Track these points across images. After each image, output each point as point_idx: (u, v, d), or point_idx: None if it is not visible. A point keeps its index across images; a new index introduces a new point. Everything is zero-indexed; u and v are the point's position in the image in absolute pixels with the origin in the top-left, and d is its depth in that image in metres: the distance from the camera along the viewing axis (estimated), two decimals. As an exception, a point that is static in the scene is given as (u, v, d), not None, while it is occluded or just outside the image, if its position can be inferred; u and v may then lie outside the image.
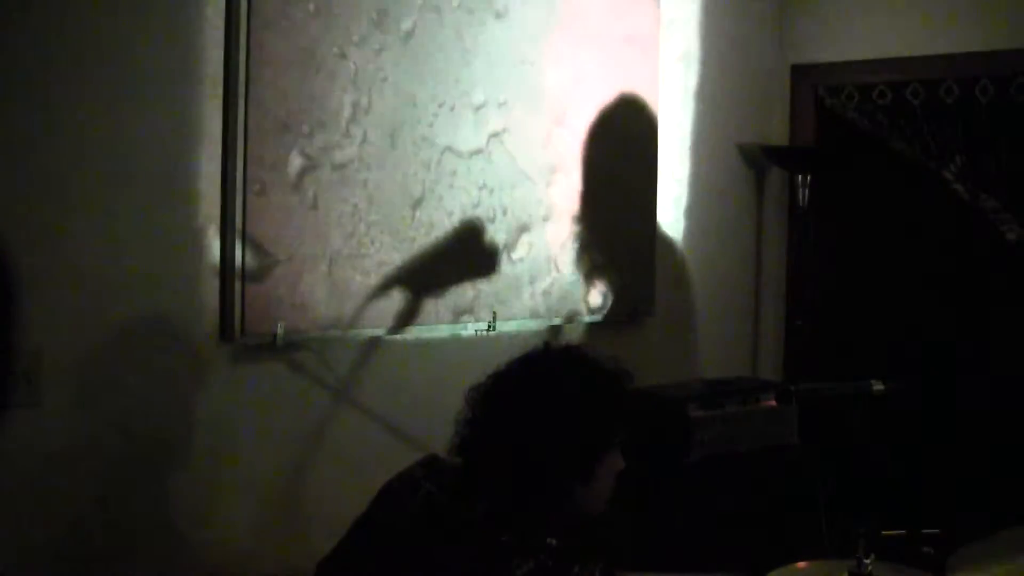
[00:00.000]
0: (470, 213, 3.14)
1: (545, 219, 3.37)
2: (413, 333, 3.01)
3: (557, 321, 3.39)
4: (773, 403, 3.16)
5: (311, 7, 2.71)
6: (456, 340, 3.13)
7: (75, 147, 2.35)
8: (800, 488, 3.71)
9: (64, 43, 2.32)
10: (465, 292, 3.13)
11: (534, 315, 3.33)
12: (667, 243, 3.90)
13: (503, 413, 1.85)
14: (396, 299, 2.94)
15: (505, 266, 3.25)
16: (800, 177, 4.12)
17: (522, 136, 3.28)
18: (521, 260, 3.29)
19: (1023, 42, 3.78)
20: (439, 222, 3.04)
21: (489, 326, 3.18)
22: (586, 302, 3.53)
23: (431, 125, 3.00)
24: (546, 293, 3.38)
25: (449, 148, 3.06)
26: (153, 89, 2.47)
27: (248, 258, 2.61)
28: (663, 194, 3.84)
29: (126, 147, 2.43)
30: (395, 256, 2.93)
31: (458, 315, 3.11)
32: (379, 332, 2.92)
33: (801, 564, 2.54)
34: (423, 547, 1.77)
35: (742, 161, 4.25)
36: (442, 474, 1.88)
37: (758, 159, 4.25)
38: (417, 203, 2.98)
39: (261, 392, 2.71)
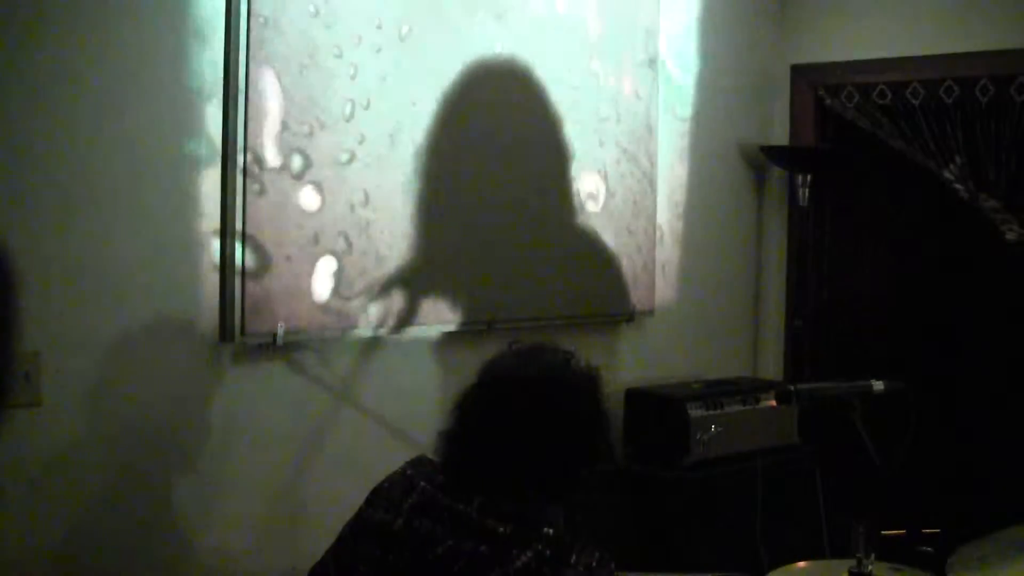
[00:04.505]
0: (470, 212, 3.14)
1: (546, 219, 3.37)
2: (413, 333, 3.01)
3: (557, 321, 3.39)
4: (773, 403, 3.15)
5: (311, 7, 2.71)
6: (456, 340, 3.13)
7: (75, 147, 2.35)
8: (800, 488, 3.72)
9: (63, 43, 2.32)
10: (465, 292, 3.13)
11: (534, 315, 3.33)
12: (667, 243, 3.90)
13: (499, 415, 1.84)
14: (396, 299, 2.94)
15: (503, 265, 3.25)
16: (800, 177, 4.12)
17: (520, 137, 3.28)
18: (519, 259, 3.29)
19: (1023, 42, 3.78)
20: (439, 222, 3.04)
21: (489, 326, 3.18)
22: (587, 301, 3.54)
23: (430, 125, 3.00)
24: (546, 292, 3.38)
25: (449, 147, 3.06)
26: (152, 89, 2.47)
27: (248, 258, 2.61)
28: (663, 194, 3.84)
29: (126, 147, 2.43)
30: (395, 256, 2.93)
31: (458, 315, 3.11)
32: (379, 332, 2.92)
33: (801, 564, 2.55)
34: (421, 544, 1.77)
35: (742, 161, 4.25)
36: (434, 472, 1.89)
37: (758, 159, 4.26)
38: (417, 202, 2.98)
39: (261, 392, 2.71)
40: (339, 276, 2.80)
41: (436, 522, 1.78)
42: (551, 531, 1.74)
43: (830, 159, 4.22)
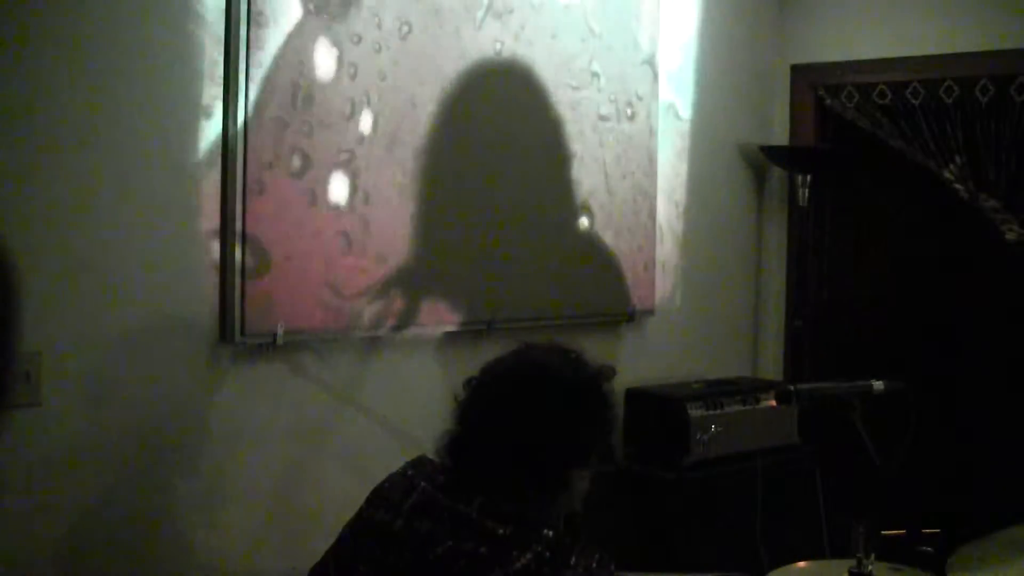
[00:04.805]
0: (470, 212, 3.14)
1: (546, 219, 3.37)
2: (413, 333, 3.01)
3: (557, 321, 3.39)
4: (773, 403, 3.16)
5: (311, 6, 2.71)
6: (456, 340, 3.13)
7: (75, 147, 2.35)
8: (800, 488, 3.72)
9: (64, 42, 2.32)
10: (465, 292, 3.13)
11: (534, 315, 3.33)
12: (667, 243, 3.90)
13: (499, 414, 1.85)
14: (396, 299, 2.94)
15: (503, 265, 3.25)
16: (800, 177, 4.12)
17: (520, 136, 3.28)
18: (519, 259, 3.29)
19: (1023, 42, 3.78)
20: (439, 222, 3.04)
21: (489, 326, 3.18)
22: (587, 301, 3.53)
23: (430, 124, 3.00)
24: (546, 292, 3.38)
25: (449, 147, 3.06)
26: (153, 88, 2.47)
27: (248, 258, 2.61)
28: (663, 194, 3.84)
29: (126, 147, 2.43)
30: (395, 256, 2.93)
31: (458, 315, 3.11)
32: (379, 332, 2.92)
33: (801, 564, 2.55)
34: (421, 544, 1.77)
35: (742, 161, 4.25)
36: (434, 473, 1.89)
37: (758, 159, 4.26)
38: (417, 202, 2.98)
39: (261, 392, 2.71)
40: (339, 276, 2.80)
41: (436, 523, 1.78)
42: (551, 532, 1.74)
43: (830, 159, 4.22)
